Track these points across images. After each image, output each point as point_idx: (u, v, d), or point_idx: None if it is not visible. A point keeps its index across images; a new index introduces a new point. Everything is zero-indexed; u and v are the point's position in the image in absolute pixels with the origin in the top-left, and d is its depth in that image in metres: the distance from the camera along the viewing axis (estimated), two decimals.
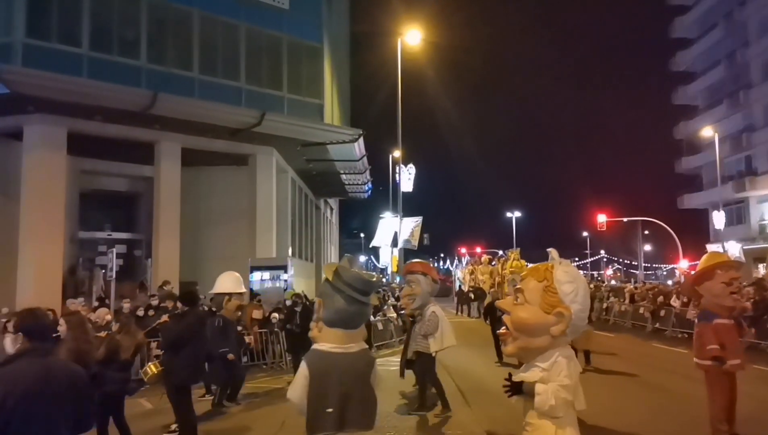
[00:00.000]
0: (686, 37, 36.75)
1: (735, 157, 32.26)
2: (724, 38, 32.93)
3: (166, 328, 5.91)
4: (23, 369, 2.44)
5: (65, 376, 2.53)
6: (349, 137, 16.01)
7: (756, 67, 30.55)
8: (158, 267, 13.59)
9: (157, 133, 13.80)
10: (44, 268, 12.17)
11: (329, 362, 2.54)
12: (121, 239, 15.12)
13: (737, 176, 31.78)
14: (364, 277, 2.64)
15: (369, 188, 23.15)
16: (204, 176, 15.66)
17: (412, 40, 17.19)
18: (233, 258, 14.73)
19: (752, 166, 31.16)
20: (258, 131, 14.22)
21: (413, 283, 6.33)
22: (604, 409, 6.54)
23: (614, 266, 55.27)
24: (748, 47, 30.86)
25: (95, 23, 12.92)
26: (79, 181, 14.13)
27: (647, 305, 17.67)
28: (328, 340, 2.59)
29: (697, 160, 35.60)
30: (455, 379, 8.59)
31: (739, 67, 32.10)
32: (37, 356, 2.50)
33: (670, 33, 37.60)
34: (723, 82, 33.79)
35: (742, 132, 31.40)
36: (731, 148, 31.63)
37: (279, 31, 15.77)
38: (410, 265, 6.72)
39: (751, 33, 30.56)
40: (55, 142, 12.50)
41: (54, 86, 11.47)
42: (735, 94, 32.01)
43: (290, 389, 2.60)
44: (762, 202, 30.75)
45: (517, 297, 2.44)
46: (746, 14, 30.82)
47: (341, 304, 2.54)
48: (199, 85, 14.23)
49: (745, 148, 31.25)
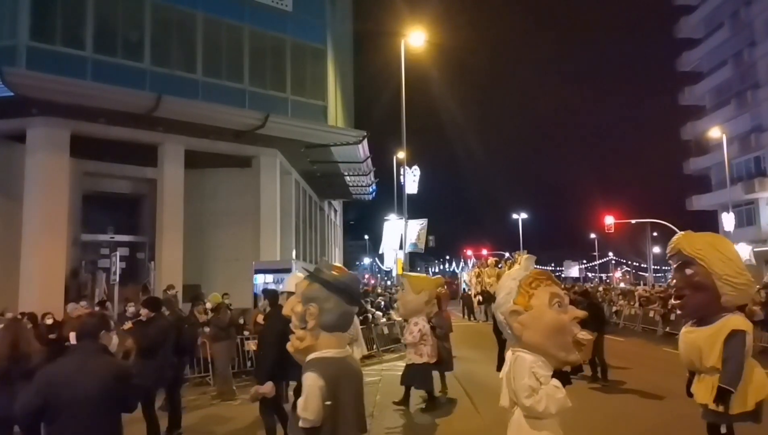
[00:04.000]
0: (692, 37, 36.51)
1: (744, 158, 31.87)
2: (730, 38, 32.67)
3: (140, 333, 5.66)
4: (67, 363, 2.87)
5: (105, 370, 2.84)
6: (353, 139, 15.91)
7: (763, 67, 30.23)
8: (161, 270, 13.49)
9: (161, 135, 13.76)
10: (47, 271, 12.11)
11: (339, 369, 2.38)
12: (124, 242, 15.05)
13: (746, 177, 31.39)
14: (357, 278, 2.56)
15: (373, 190, 23.03)
16: (207, 178, 15.60)
17: (416, 42, 17.12)
18: (237, 260, 14.65)
19: (762, 167, 30.77)
20: (262, 133, 14.15)
21: None
22: (616, 416, 6.33)
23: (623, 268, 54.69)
24: (755, 47, 30.57)
25: (99, 26, 12.94)
26: (82, 183, 14.10)
27: (657, 309, 17.37)
28: (330, 345, 2.41)
29: (705, 161, 35.23)
30: (463, 384, 8.41)
31: (746, 67, 31.80)
32: (82, 353, 2.89)
33: (676, 33, 37.39)
34: (730, 82, 33.48)
35: (751, 132, 31.04)
36: (740, 149, 31.26)
37: (282, 32, 15.74)
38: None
39: (758, 32, 30.28)
40: (59, 145, 12.48)
41: (57, 89, 11.45)
42: (743, 94, 31.70)
43: (305, 409, 2.24)
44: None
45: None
46: (752, 14, 30.56)
47: (342, 307, 2.43)
48: (202, 88, 14.20)
49: (754, 148, 30.87)
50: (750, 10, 30.72)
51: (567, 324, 2.52)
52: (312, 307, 2.38)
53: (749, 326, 3.35)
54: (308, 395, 2.28)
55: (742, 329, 3.26)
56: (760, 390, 3.27)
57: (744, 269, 3.36)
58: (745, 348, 3.25)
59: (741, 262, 3.42)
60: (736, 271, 3.31)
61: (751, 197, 30.75)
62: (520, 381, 2.46)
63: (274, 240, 15.83)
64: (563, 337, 2.50)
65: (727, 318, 3.33)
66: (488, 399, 7.60)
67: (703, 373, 3.40)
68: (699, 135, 34.64)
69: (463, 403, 7.40)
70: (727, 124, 30.89)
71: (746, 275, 3.32)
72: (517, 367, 2.50)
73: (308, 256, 20.98)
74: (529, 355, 2.50)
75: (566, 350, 2.51)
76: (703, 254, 3.35)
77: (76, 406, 2.69)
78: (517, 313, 2.54)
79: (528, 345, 2.52)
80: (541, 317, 2.50)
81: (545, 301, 2.53)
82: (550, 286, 2.60)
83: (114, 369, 2.90)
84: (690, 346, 3.50)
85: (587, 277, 49.44)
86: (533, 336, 2.50)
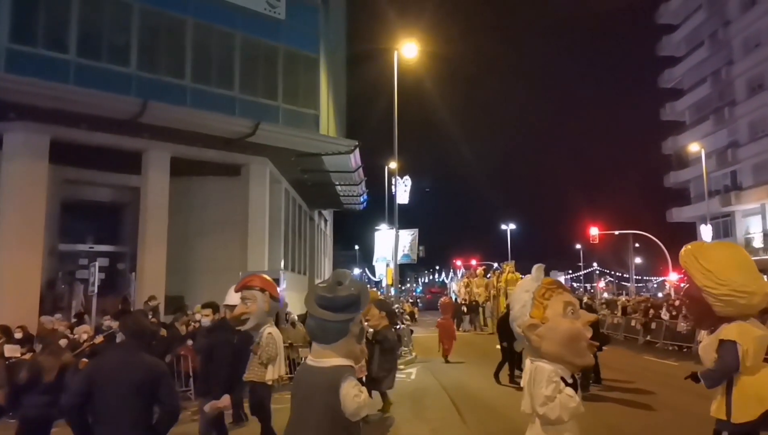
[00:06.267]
0: (674, 55, 37.67)
1: (721, 172, 32.84)
2: (709, 56, 33.79)
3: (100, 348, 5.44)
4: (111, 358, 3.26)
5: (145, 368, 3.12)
6: (345, 148, 15.72)
7: (740, 85, 31.33)
8: (143, 281, 13.01)
9: (146, 142, 13.32)
10: (21, 281, 11.53)
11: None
12: (104, 252, 14.51)
13: (723, 190, 32.34)
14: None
15: (364, 200, 22.85)
16: (195, 186, 15.18)
17: (409, 53, 17.09)
18: (224, 271, 14.20)
19: (737, 181, 31.75)
20: (252, 141, 13.85)
21: (249, 301, 5.33)
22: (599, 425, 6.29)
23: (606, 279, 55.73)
24: (733, 65, 31.67)
25: (84, 29, 12.48)
26: (62, 190, 13.53)
27: (639, 318, 17.63)
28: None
29: (685, 175, 36.21)
30: (450, 394, 8.33)
31: (723, 85, 32.89)
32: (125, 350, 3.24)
33: (658, 51, 38.52)
34: (709, 98, 34.57)
35: (728, 147, 32.04)
36: (717, 163, 32.22)
37: (275, 40, 15.51)
38: (248, 279, 5.59)
39: (736, 52, 31.40)
40: (37, 151, 11.93)
41: (38, 93, 10.95)
42: (720, 111, 32.74)
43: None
44: (747, 216, 31.30)
45: None
46: (730, 34, 31.71)
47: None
48: (191, 94, 13.84)
49: (730, 163, 31.85)
50: (728, 31, 31.86)
51: (581, 330, 2.64)
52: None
53: (744, 336, 3.23)
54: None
55: (731, 339, 3.21)
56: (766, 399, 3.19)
57: (729, 279, 3.23)
58: (736, 358, 3.18)
59: (727, 272, 3.26)
60: (715, 282, 3.23)
61: (728, 210, 31.69)
62: (538, 389, 2.57)
63: (263, 250, 15.48)
64: (578, 343, 2.62)
65: (721, 328, 3.30)
66: (475, 410, 7.51)
67: None
68: (679, 149, 35.63)
69: (450, 415, 7.32)
70: (705, 140, 31.86)
71: (730, 286, 3.22)
72: (537, 377, 2.61)
73: (297, 266, 20.62)
74: (548, 365, 2.60)
75: (581, 355, 2.63)
76: (687, 266, 3.37)
77: (116, 397, 3.00)
78: (535, 326, 2.64)
79: (546, 355, 2.63)
80: (557, 328, 2.61)
81: (559, 311, 2.64)
82: (561, 294, 2.71)
83: (152, 366, 3.20)
84: (701, 355, 3.55)
85: (573, 287, 50.28)
86: (551, 346, 2.61)
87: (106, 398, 2.99)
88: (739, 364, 3.20)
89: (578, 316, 2.68)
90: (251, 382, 5.22)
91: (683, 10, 35.92)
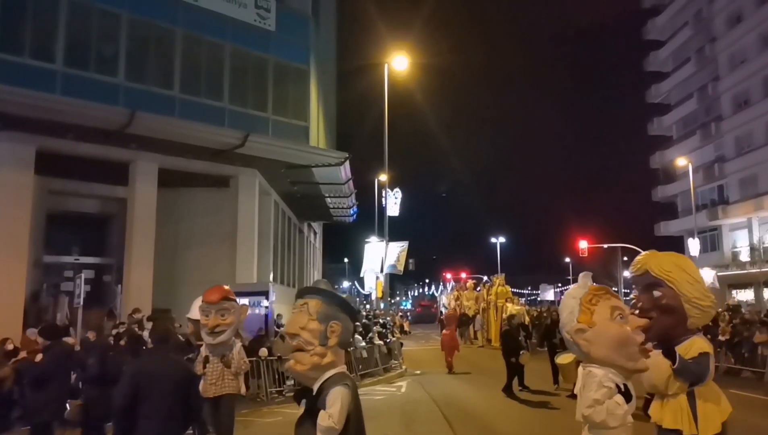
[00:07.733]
0: (661, 71, 38.38)
1: (708, 187, 33.32)
2: (696, 72, 34.49)
3: (27, 364, 5.33)
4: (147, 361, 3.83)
5: (175, 370, 3.64)
6: (335, 160, 15.71)
7: (726, 100, 31.95)
8: (129, 293, 12.83)
9: (133, 152, 13.21)
10: (5, 293, 11.29)
11: (353, 382, 2.58)
12: (90, 264, 14.25)
13: (710, 205, 32.77)
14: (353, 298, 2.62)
15: (354, 212, 22.80)
16: (183, 198, 15.03)
17: (400, 66, 17.22)
18: (212, 283, 13.72)
19: (724, 196, 32.21)
20: (241, 152, 13.78)
21: (226, 312, 5.06)
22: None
23: None
24: (719, 81, 32.32)
25: (71, 38, 12.42)
26: (47, 201, 13.33)
27: None
28: (343, 361, 2.62)
29: (672, 189, 36.68)
30: (440, 406, 8.25)
31: (710, 100, 33.54)
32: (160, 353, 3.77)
33: (645, 66, 39.23)
34: (696, 114, 35.20)
35: (715, 162, 32.55)
36: (704, 178, 32.69)
37: (265, 52, 15.55)
38: (223, 290, 5.28)
39: (722, 68, 32.08)
40: (22, 161, 11.78)
41: (23, 102, 10.84)
42: (707, 126, 33.33)
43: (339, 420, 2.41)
44: (734, 229, 31.69)
45: None
46: (716, 50, 32.42)
47: (350, 325, 2.64)
48: (179, 105, 13.78)
49: (717, 177, 32.33)
50: (714, 47, 32.57)
51: (630, 335, 2.64)
52: (335, 324, 2.52)
53: (711, 348, 3.32)
54: (342, 406, 2.44)
55: (707, 352, 3.23)
56: (725, 411, 3.23)
57: (708, 291, 3.33)
58: (710, 370, 3.20)
59: (705, 284, 3.38)
60: (703, 293, 3.26)
61: (715, 224, 32.08)
62: (587, 393, 2.57)
63: (251, 262, 15.34)
64: (628, 347, 2.61)
65: (692, 340, 3.26)
66: (467, 423, 7.43)
67: (667, 397, 3.25)
68: (667, 164, 36.13)
69: (440, 428, 7.23)
70: (692, 154, 32.37)
71: (711, 297, 3.31)
72: (587, 381, 2.62)
73: (286, 278, 20.45)
74: (600, 370, 2.59)
75: (633, 359, 2.62)
76: (673, 276, 3.27)
77: (161, 394, 3.42)
78: (582, 331, 2.64)
79: (597, 360, 2.62)
80: (606, 332, 2.60)
81: (607, 316, 2.63)
82: (609, 299, 2.69)
83: (184, 369, 3.74)
84: (654, 368, 3.20)
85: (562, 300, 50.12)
86: (600, 350, 2.61)
87: (153, 396, 3.42)
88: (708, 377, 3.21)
89: (627, 320, 2.67)
90: (227, 395, 5.02)
91: (670, 27, 36.71)
